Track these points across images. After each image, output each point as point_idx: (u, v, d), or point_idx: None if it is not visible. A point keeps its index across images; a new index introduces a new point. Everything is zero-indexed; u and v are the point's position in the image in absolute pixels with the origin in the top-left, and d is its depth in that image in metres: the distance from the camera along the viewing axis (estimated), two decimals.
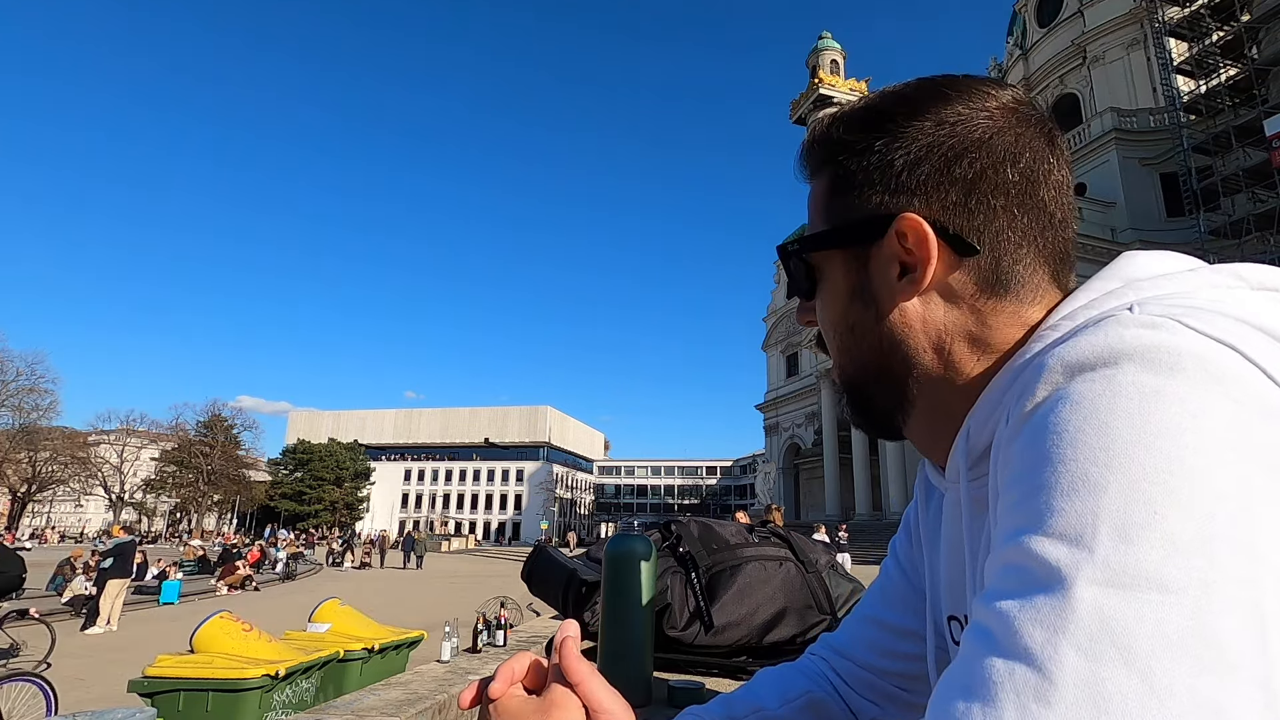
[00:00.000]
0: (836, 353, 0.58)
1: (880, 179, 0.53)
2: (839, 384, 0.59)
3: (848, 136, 0.55)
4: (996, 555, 0.37)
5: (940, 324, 0.52)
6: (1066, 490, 0.34)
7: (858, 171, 0.54)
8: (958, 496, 0.54)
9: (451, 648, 2.39)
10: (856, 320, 0.55)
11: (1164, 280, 0.45)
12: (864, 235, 0.54)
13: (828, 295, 0.57)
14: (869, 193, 0.54)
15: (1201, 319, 0.37)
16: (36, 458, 55.58)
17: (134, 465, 66.41)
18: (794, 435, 49.39)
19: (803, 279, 0.58)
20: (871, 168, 0.54)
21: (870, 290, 0.54)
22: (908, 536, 0.75)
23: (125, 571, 12.12)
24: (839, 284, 0.56)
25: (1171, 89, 28.97)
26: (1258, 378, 0.35)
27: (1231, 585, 0.30)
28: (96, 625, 11.66)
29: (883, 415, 0.57)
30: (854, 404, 0.58)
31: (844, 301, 0.56)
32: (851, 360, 0.56)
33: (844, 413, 0.60)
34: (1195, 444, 0.32)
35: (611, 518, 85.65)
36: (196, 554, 25.46)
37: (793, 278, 0.60)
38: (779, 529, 1.93)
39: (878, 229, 0.53)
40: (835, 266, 0.56)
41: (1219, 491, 0.31)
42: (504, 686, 0.48)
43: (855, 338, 0.55)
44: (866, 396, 0.57)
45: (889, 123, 0.53)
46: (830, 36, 49.18)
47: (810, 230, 0.58)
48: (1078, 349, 0.38)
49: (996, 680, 0.32)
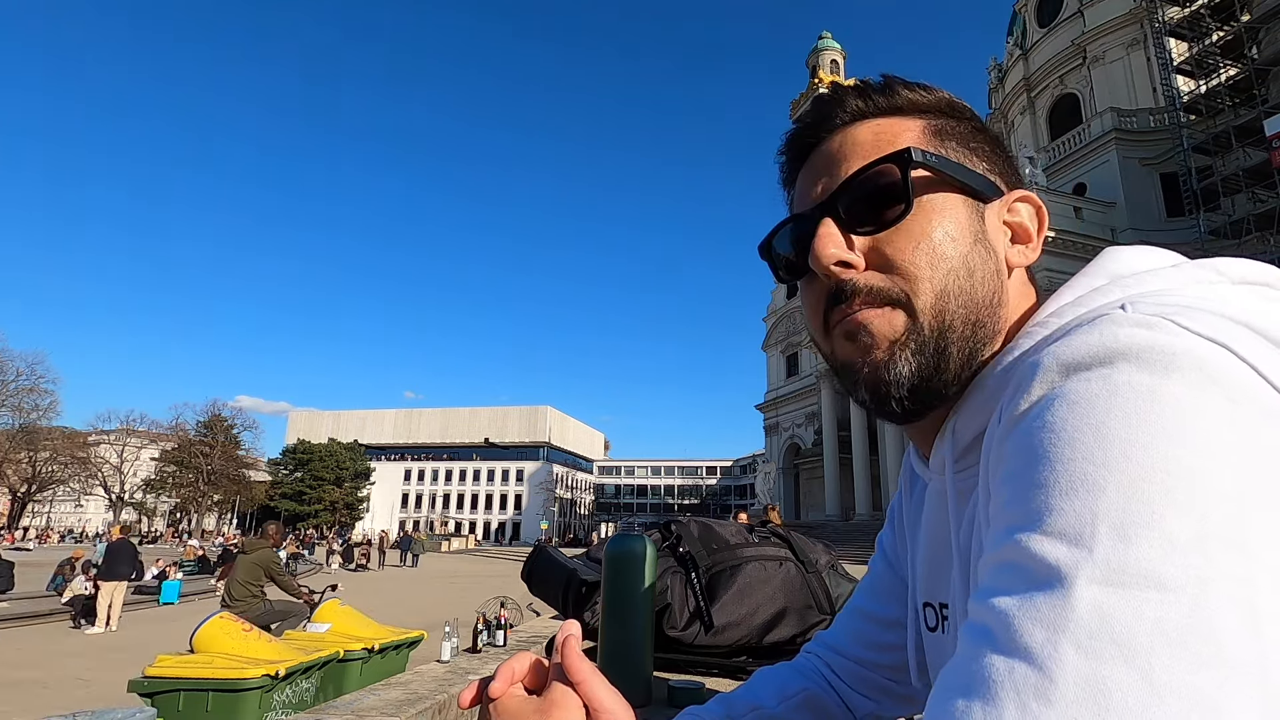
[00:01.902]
0: (937, 292, 0.50)
1: (981, 148, 0.56)
2: (922, 322, 0.50)
3: (939, 95, 0.57)
4: (992, 553, 0.37)
5: (1013, 302, 0.54)
6: (1065, 489, 0.34)
7: (962, 132, 0.56)
8: (942, 487, 0.55)
9: (451, 648, 2.39)
10: (978, 264, 0.52)
11: (1150, 276, 0.46)
12: (988, 190, 0.54)
13: (937, 226, 0.51)
14: (976, 156, 0.55)
15: (1194, 318, 0.37)
16: (36, 458, 55.59)
17: (134, 465, 66.39)
18: (794, 435, 49.33)
19: (898, 193, 0.51)
20: (968, 133, 0.56)
21: (990, 243, 0.53)
22: (892, 529, 0.76)
23: (118, 574, 11.97)
24: (960, 222, 0.52)
25: (1171, 89, 28.93)
26: (1251, 377, 0.35)
27: (1228, 583, 0.30)
28: (95, 625, 11.64)
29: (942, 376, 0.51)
30: (931, 349, 0.50)
31: (968, 241, 0.52)
32: (961, 303, 0.50)
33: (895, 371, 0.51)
34: (1192, 444, 0.32)
35: (611, 518, 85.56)
36: (196, 554, 25.45)
37: (872, 193, 0.52)
38: (779, 529, 1.93)
39: (997, 191, 0.55)
40: (953, 204, 0.53)
41: (1215, 491, 0.31)
42: (504, 686, 0.48)
43: (973, 281, 0.51)
44: (947, 345, 0.50)
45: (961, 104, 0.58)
46: (830, 36, 49.31)
47: (888, 153, 0.53)
48: (1073, 348, 0.38)
49: (997, 679, 0.31)
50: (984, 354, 0.52)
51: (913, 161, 0.51)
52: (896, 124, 0.55)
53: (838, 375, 0.56)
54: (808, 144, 0.59)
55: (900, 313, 0.51)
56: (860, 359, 0.52)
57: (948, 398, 0.52)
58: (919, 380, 0.50)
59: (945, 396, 0.52)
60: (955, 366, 0.51)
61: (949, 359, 0.50)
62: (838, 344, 0.54)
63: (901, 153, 0.52)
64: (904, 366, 0.50)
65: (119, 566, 12.04)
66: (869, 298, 0.51)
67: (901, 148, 0.52)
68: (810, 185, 0.57)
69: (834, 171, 0.55)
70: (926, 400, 0.52)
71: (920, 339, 0.50)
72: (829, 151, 0.56)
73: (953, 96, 0.58)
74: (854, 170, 0.53)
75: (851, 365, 0.53)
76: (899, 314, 0.51)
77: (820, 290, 0.54)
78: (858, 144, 0.55)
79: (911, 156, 0.51)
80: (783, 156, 0.62)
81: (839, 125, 0.57)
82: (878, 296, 0.51)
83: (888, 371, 0.51)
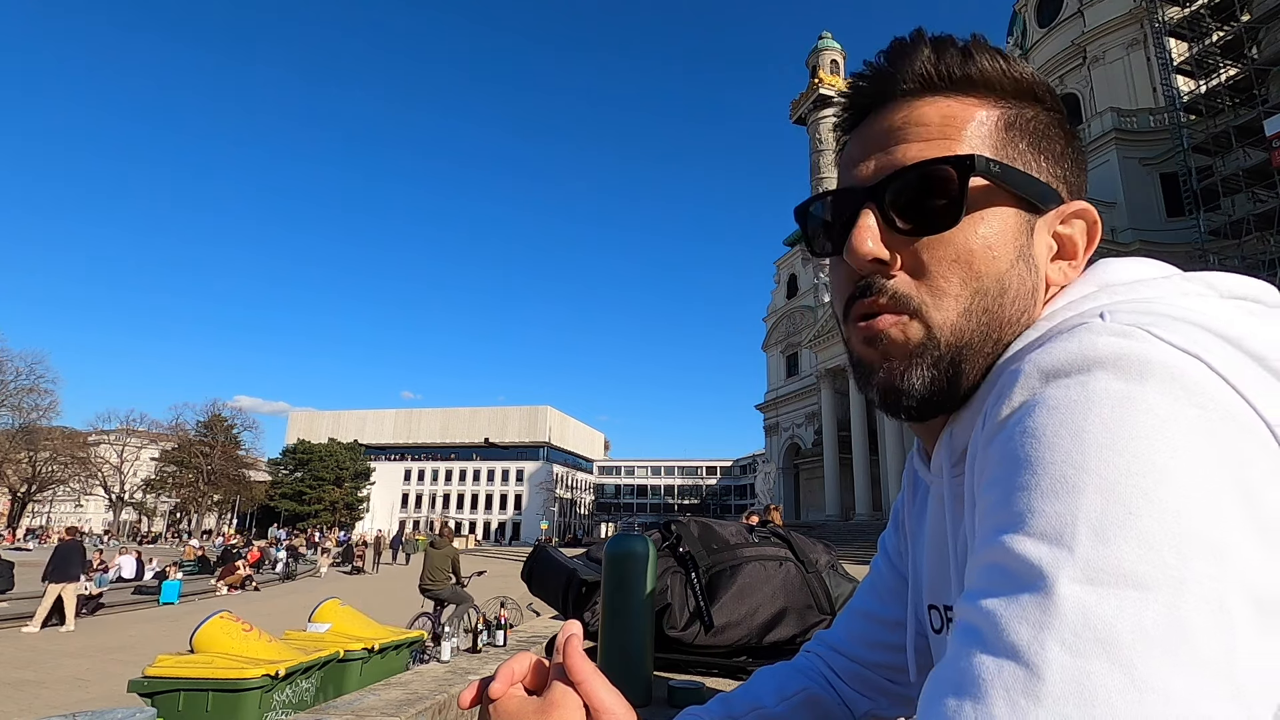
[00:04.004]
0: (962, 310, 0.48)
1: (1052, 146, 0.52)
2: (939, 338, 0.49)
3: (1023, 77, 0.52)
4: (978, 555, 0.38)
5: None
6: (1045, 492, 0.35)
7: (1037, 128, 0.52)
8: (941, 491, 0.55)
9: (451, 648, 2.39)
10: (1013, 283, 0.49)
11: (1140, 286, 0.46)
12: (1045, 200, 0.50)
13: (981, 240, 0.48)
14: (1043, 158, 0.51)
15: (1169, 328, 0.38)
16: (36, 458, 55.54)
17: (134, 465, 66.41)
18: (794, 435, 49.34)
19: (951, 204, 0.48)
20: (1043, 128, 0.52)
21: (1034, 259, 0.50)
22: (895, 529, 0.76)
23: (68, 575, 11.82)
24: (1005, 236, 0.49)
25: (1171, 89, 28.93)
26: (1222, 388, 0.35)
27: (1201, 582, 0.31)
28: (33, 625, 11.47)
29: (954, 388, 0.50)
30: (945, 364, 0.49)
31: (1009, 258, 0.49)
32: (985, 321, 0.49)
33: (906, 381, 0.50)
34: (1165, 447, 0.33)
35: (611, 518, 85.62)
36: (196, 554, 25.41)
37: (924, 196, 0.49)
38: (779, 529, 1.93)
39: (1056, 201, 0.51)
40: (1004, 216, 0.49)
41: (1187, 492, 0.32)
42: (504, 686, 0.48)
43: (1004, 300, 0.49)
44: (962, 362, 0.49)
45: (1045, 86, 0.53)
46: (830, 36, 49.32)
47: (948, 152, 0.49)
48: (1051, 355, 0.39)
49: (986, 677, 0.32)
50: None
51: (974, 170, 0.47)
52: (968, 108, 0.51)
53: (852, 367, 0.55)
54: (874, 100, 0.54)
55: (920, 324, 0.49)
56: (877, 364, 0.51)
57: (956, 405, 0.52)
58: (931, 392, 0.50)
59: (954, 404, 0.52)
60: (968, 380, 0.50)
61: (963, 374, 0.50)
62: (855, 338, 0.53)
63: (964, 159, 0.48)
64: (918, 380, 0.50)
65: (69, 568, 11.91)
66: (893, 302, 0.50)
67: (966, 152, 0.48)
68: (861, 157, 0.53)
69: (889, 153, 0.51)
70: (935, 409, 0.52)
71: (936, 354, 0.49)
72: (888, 125, 0.52)
73: (1035, 74, 0.53)
74: (909, 162, 0.50)
75: (868, 367, 0.52)
76: (918, 325, 0.49)
77: (849, 276, 0.52)
78: (921, 127, 0.51)
79: (974, 165, 0.47)
80: (844, 107, 0.57)
81: (905, 93, 0.52)
82: (902, 303, 0.49)
83: (902, 381, 0.50)
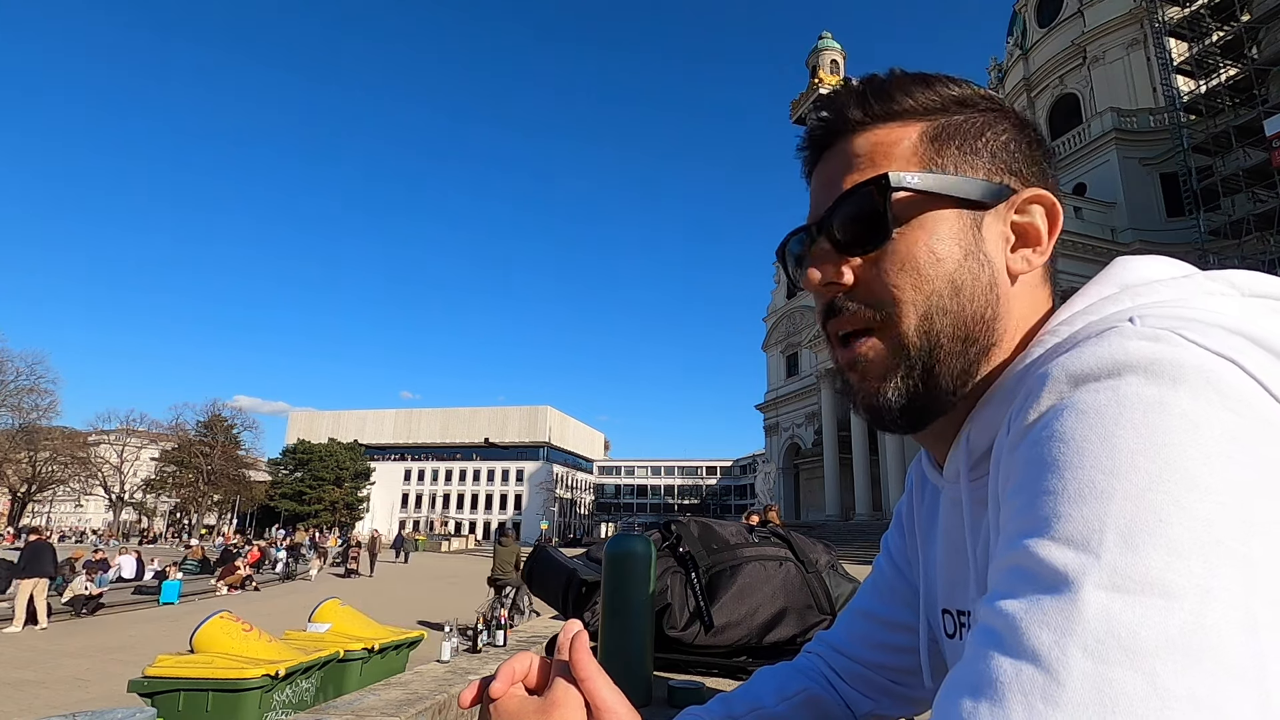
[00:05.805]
0: (921, 314, 0.51)
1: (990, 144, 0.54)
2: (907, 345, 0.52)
3: (943, 94, 0.54)
4: (1001, 558, 0.38)
5: (1023, 308, 0.53)
6: (1073, 497, 0.34)
7: (967, 131, 0.54)
8: (957, 495, 0.54)
9: (451, 648, 2.39)
10: (966, 281, 0.51)
11: (1160, 286, 0.46)
12: (988, 196, 0.52)
13: (922, 247, 0.51)
14: (978, 158, 0.53)
15: (1200, 331, 0.37)
16: (36, 458, 55.47)
17: (134, 465, 66.33)
18: (794, 435, 49.36)
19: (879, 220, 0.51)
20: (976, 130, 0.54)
21: (985, 254, 0.52)
22: (899, 530, 0.75)
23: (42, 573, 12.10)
24: (946, 239, 0.51)
25: (1171, 89, 28.94)
26: (1256, 390, 0.35)
27: (1229, 591, 0.30)
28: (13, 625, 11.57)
29: (932, 393, 0.52)
30: (919, 371, 0.52)
31: (956, 258, 0.51)
32: (948, 320, 0.51)
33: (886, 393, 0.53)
34: (1197, 454, 0.33)
35: (611, 518, 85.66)
36: (200, 554, 25.37)
37: (856, 218, 0.53)
38: (779, 529, 1.93)
39: (1001, 194, 0.52)
40: (941, 220, 0.52)
41: (1219, 500, 0.32)
42: (505, 686, 0.48)
43: (960, 299, 0.51)
44: (934, 365, 0.51)
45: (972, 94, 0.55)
46: (830, 36, 49.28)
47: (873, 175, 0.53)
48: (1081, 359, 0.39)
49: (1004, 680, 0.32)
50: (983, 366, 0.52)
51: (890, 188, 0.51)
52: (894, 133, 0.54)
53: (841, 393, 0.58)
54: (821, 145, 0.58)
55: (886, 341, 0.52)
56: (857, 385, 0.54)
57: (944, 410, 0.53)
58: (908, 401, 0.52)
59: (942, 410, 0.53)
60: (946, 384, 0.51)
61: (938, 378, 0.51)
62: (840, 361, 0.56)
63: (880, 178, 0.51)
64: (893, 393, 0.52)
65: (41, 566, 12.16)
66: (857, 316, 0.53)
67: (894, 170, 0.51)
68: (817, 194, 0.57)
69: (834, 186, 0.55)
70: (921, 417, 0.53)
71: (908, 364, 0.51)
72: (833, 161, 0.56)
73: (965, 88, 0.56)
74: (843, 191, 0.53)
75: (850, 389, 0.55)
76: (885, 342, 0.52)
77: (819, 300, 0.57)
78: (856, 158, 0.54)
79: (889, 183, 0.51)
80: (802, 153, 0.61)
81: (845, 131, 0.56)
82: (866, 317, 0.53)
83: (879, 399, 0.53)
